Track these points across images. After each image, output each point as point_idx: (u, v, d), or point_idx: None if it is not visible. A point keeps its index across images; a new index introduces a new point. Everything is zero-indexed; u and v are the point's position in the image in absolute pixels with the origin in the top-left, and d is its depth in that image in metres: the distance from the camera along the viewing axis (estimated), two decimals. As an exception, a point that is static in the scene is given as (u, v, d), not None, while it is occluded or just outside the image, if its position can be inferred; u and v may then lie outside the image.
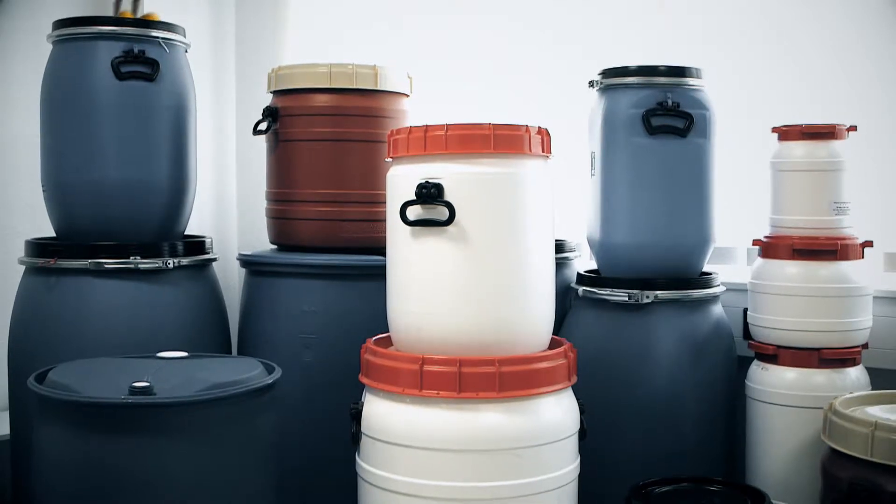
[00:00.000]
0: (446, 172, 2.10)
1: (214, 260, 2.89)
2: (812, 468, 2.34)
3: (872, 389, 2.53)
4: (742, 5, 3.08)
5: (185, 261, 2.71)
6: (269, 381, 2.11)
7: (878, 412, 2.23)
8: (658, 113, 2.58)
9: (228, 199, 3.69)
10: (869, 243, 2.59)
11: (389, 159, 2.26)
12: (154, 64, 2.65)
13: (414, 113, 2.93)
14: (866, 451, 2.06)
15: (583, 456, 2.26)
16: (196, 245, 2.80)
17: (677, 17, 3.16)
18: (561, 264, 2.91)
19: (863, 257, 2.59)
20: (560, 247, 2.95)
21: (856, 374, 2.58)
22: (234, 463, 2.03)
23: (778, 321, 2.58)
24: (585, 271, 2.81)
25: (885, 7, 2.91)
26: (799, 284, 2.56)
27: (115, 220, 2.66)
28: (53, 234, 2.79)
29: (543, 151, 2.19)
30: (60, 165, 2.69)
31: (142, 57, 2.64)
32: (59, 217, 2.73)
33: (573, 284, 2.78)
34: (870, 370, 2.63)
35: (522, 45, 3.40)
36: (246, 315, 2.88)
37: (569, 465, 2.17)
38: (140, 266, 2.60)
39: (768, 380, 2.59)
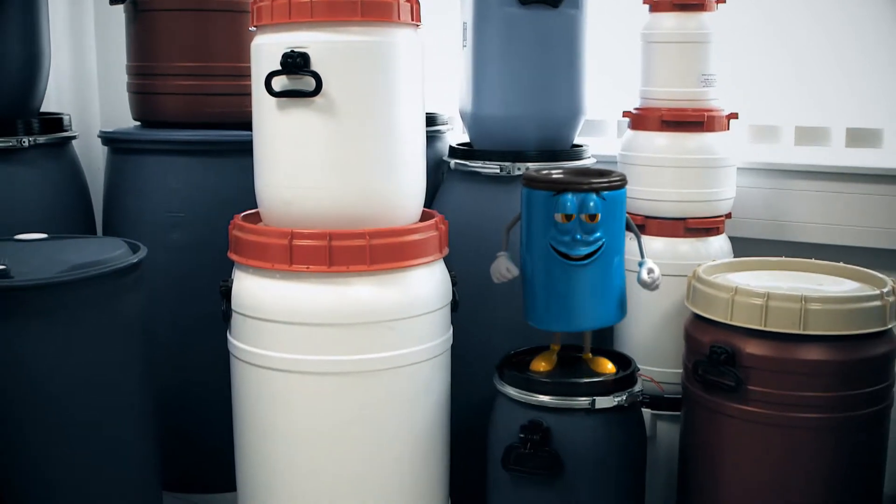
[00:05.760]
0: (312, 41, 2.03)
1: (74, 138, 2.78)
2: (676, 333, 2.42)
3: (734, 257, 2.62)
4: None
5: (41, 139, 2.60)
6: (134, 261, 2.06)
7: (738, 278, 2.31)
8: (531, -18, 2.54)
9: (88, 74, 3.52)
10: (734, 115, 2.64)
11: (253, 28, 2.18)
12: (-4, -75, 2.47)
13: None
14: (727, 315, 2.14)
15: (456, 327, 2.29)
16: (53, 122, 2.69)
17: None
18: (433, 137, 2.89)
19: (728, 129, 2.64)
20: (432, 120, 2.93)
21: (719, 243, 2.65)
22: (98, 345, 1.98)
23: (646, 192, 2.62)
24: (457, 144, 2.79)
25: None
26: (666, 156, 2.59)
27: (-38, 96, 2.52)
28: None
29: (413, 20, 2.13)
30: None
31: (-19, -83, 2.46)
32: None
33: (445, 157, 2.77)
34: (732, 239, 2.72)
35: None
36: (110, 195, 2.79)
37: (441, 336, 2.19)
38: (-8, 145, 2.49)
39: (636, 250, 2.64)
